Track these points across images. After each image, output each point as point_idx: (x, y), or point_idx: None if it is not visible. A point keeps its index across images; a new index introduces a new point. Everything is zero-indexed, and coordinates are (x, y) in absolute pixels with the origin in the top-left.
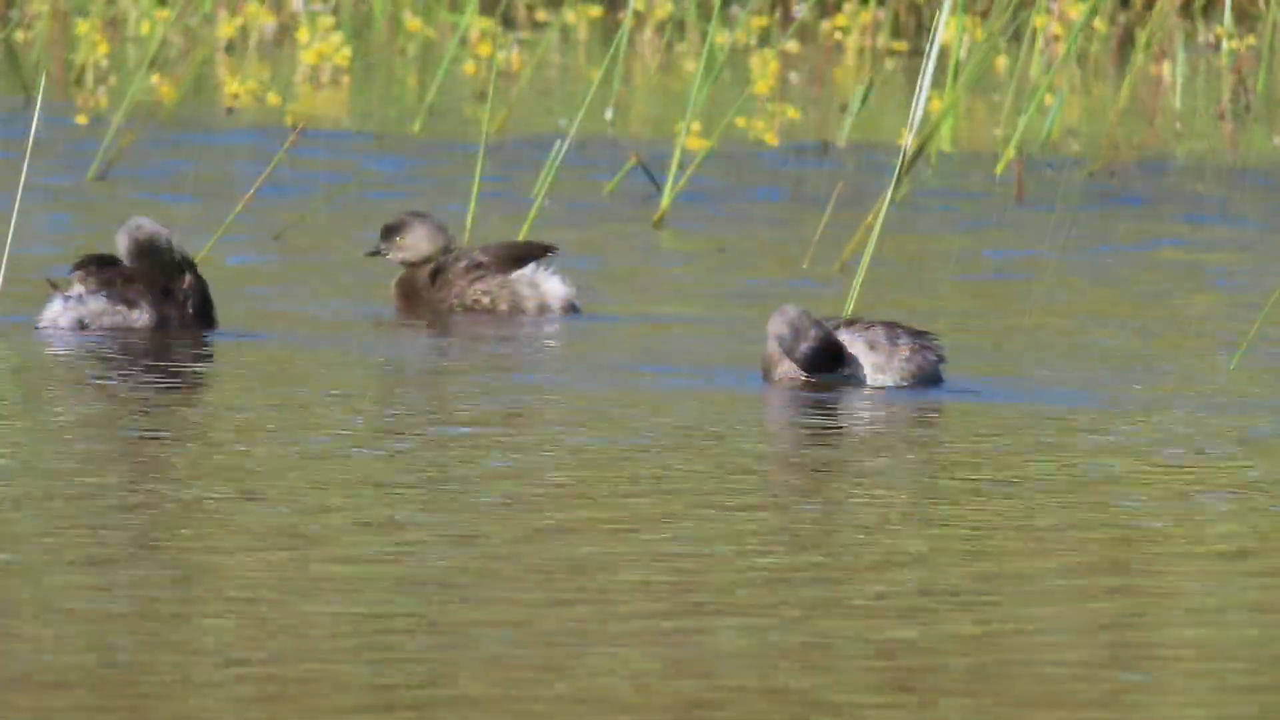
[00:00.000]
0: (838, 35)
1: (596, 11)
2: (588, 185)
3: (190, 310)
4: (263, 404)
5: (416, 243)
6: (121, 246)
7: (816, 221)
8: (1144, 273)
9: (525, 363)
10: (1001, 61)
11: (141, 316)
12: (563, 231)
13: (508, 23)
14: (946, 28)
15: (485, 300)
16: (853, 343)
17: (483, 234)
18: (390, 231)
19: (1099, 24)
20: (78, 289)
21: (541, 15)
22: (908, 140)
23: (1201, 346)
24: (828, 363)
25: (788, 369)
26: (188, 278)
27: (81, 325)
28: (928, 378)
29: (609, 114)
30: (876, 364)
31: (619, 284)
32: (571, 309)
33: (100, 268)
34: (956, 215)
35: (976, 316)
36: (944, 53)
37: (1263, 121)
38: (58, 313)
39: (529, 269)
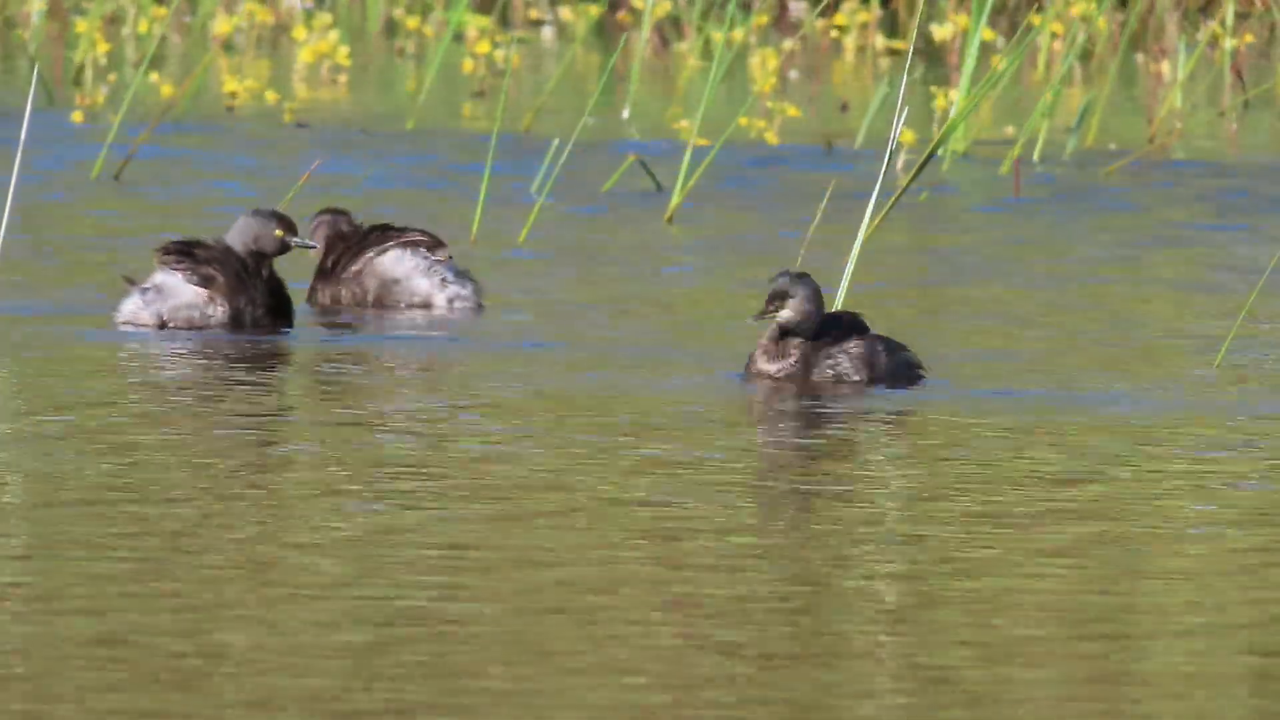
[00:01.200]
0: (834, 34)
1: (596, 10)
2: (590, 183)
3: (263, 308)
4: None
5: (311, 236)
6: (257, 227)
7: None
8: (1140, 271)
9: (523, 357)
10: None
11: (217, 312)
12: (566, 230)
13: (505, 21)
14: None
15: (336, 292)
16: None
17: (483, 234)
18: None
19: (1101, 22)
20: (156, 277)
21: (535, 14)
22: (893, 135)
23: (1191, 344)
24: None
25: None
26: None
27: (162, 322)
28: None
29: (626, 113)
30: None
31: (626, 281)
32: (426, 306)
33: (185, 251)
34: (957, 214)
35: (973, 315)
36: (947, 51)
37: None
38: (137, 307)
39: (392, 262)
